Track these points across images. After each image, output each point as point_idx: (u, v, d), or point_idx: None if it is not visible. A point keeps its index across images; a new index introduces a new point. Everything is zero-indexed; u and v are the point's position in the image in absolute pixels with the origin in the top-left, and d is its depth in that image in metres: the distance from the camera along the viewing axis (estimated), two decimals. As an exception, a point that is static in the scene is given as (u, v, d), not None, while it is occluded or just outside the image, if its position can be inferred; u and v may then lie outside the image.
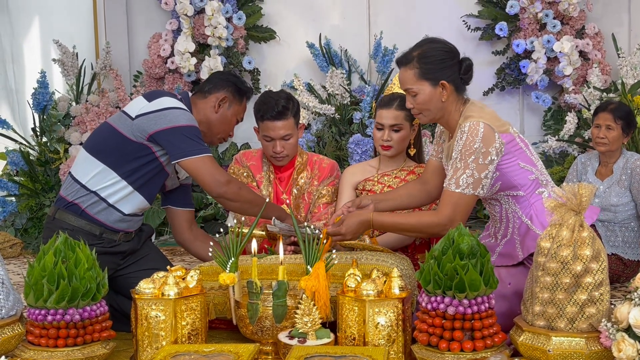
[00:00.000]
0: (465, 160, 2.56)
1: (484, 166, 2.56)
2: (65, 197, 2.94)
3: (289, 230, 2.93)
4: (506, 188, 2.67)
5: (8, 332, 2.25)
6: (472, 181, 2.56)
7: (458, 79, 2.71)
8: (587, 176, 4.12)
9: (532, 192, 2.66)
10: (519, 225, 2.67)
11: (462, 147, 2.58)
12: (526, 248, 2.62)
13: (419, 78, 2.68)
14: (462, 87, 2.74)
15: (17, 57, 6.29)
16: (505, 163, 2.62)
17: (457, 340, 2.13)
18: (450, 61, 2.71)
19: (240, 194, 2.91)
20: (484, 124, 2.58)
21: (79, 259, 2.20)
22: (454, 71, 2.70)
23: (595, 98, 5.31)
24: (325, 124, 5.84)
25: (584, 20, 5.73)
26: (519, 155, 2.65)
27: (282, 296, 2.29)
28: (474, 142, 2.56)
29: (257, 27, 6.20)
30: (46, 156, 5.79)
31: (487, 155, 2.55)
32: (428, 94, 2.68)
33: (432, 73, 2.67)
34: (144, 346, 2.33)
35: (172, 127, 2.84)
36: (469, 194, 2.57)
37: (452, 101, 2.71)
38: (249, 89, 3.20)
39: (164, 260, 3.15)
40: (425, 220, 2.69)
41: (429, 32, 5.80)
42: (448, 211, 2.59)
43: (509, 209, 2.70)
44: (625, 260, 3.94)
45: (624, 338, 2.01)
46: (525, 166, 2.66)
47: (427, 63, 2.68)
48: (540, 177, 2.69)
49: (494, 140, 2.57)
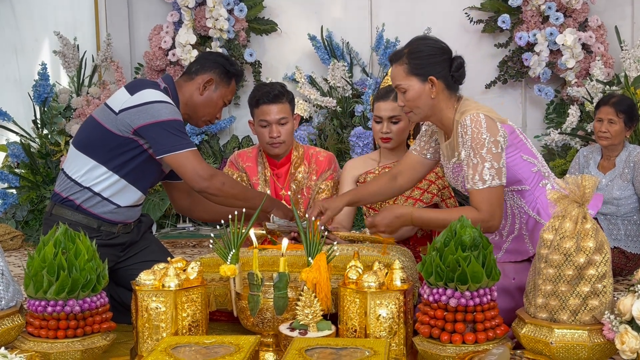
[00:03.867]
0: (480, 154, 2.53)
1: (498, 155, 2.54)
2: (60, 193, 2.93)
3: (288, 227, 2.92)
4: (511, 183, 2.65)
5: (8, 323, 2.25)
6: (495, 172, 2.53)
7: (448, 76, 2.67)
8: (590, 169, 4.11)
9: (536, 185, 2.65)
10: (526, 220, 2.65)
11: (471, 142, 2.54)
12: (535, 241, 2.59)
13: (408, 74, 2.66)
14: (453, 85, 2.70)
15: (18, 49, 6.29)
16: (509, 155, 2.61)
17: (458, 332, 2.12)
18: (440, 57, 2.67)
19: (223, 189, 2.86)
20: (484, 115, 2.55)
21: (79, 250, 2.19)
22: (443, 67, 2.66)
23: (597, 91, 5.29)
24: (326, 117, 5.83)
25: (587, 12, 5.71)
26: (521, 147, 2.64)
27: (283, 288, 2.29)
28: (480, 134, 2.53)
29: (259, 19, 6.19)
30: (47, 148, 5.79)
31: (497, 143, 2.54)
32: (417, 90, 2.65)
33: (421, 68, 2.64)
34: (144, 338, 2.32)
35: (154, 122, 2.79)
36: (496, 185, 2.54)
37: (443, 99, 2.67)
38: (237, 70, 3.11)
39: (164, 252, 3.14)
40: (468, 217, 2.64)
41: (431, 24, 5.83)
42: (486, 207, 2.54)
43: (514, 205, 2.68)
44: (628, 254, 3.93)
45: (627, 330, 2.00)
46: (528, 158, 2.64)
47: (415, 58, 2.65)
48: (542, 169, 2.68)
49: (498, 129, 2.55)
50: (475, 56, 6.01)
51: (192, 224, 5.83)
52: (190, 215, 3.44)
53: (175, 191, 3.28)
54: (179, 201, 3.31)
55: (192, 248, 5.16)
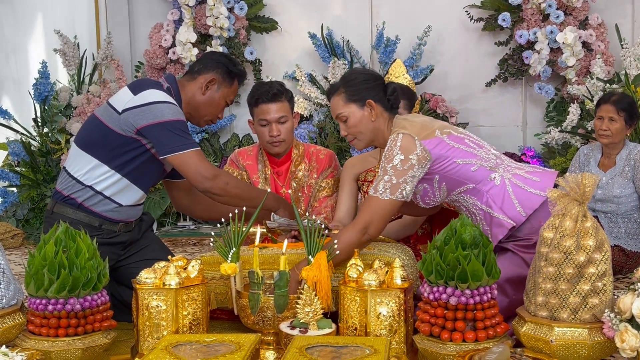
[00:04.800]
0: (384, 168, 2.61)
1: (402, 171, 2.58)
2: (62, 191, 2.93)
3: (289, 225, 2.92)
4: (455, 187, 2.69)
5: (9, 321, 2.25)
6: (390, 186, 2.58)
7: (385, 100, 2.76)
8: (590, 167, 4.11)
9: (483, 181, 2.67)
10: (483, 216, 2.69)
11: (384, 158, 2.64)
12: (494, 236, 2.64)
13: (346, 101, 2.76)
14: (391, 109, 2.78)
15: (18, 48, 6.29)
16: (441, 165, 2.65)
17: (459, 330, 2.12)
18: (373, 82, 2.78)
19: (227, 189, 2.86)
20: (402, 134, 2.62)
21: (79, 249, 2.19)
22: (377, 92, 2.76)
23: (598, 89, 5.28)
24: (327, 115, 5.83)
25: (587, 10, 5.70)
26: (453, 154, 2.65)
27: (284, 286, 2.29)
28: (392, 151, 2.61)
29: (259, 17, 6.18)
30: (47, 147, 5.79)
31: (405, 161, 2.58)
32: (358, 116, 2.74)
33: (358, 94, 2.74)
34: (145, 336, 2.33)
35: (158, 122, 2.79)
36: (386, 199, 2.58)
37: (382, 121, 2.76)
38: (240, 71, 3.12)
39: (165, 251, 3.14)
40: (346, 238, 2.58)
41: (432, 22, 5.83)
42: (367, 214, 2.60)
43: (469, 204, 2.72)
44: (628, 252, 3.93)
45: (627, 328, 2.00)
46: (463, 161, 2.66)
47: (351, 86, 2.76)
48: (485, 164, 2.68)
49: (414, 148, 2.60)
50: (475, 54, 6.02)
51: (193, 222, 5.83)
52: (190, 213, 3.45)
53: (175, 190, 3.29)
54: (179, 200, 3.32)
55: (192, 246, 5.16)
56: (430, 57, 6.01)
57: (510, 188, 2.64)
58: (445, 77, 6.03)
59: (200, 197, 3.17)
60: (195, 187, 2.90)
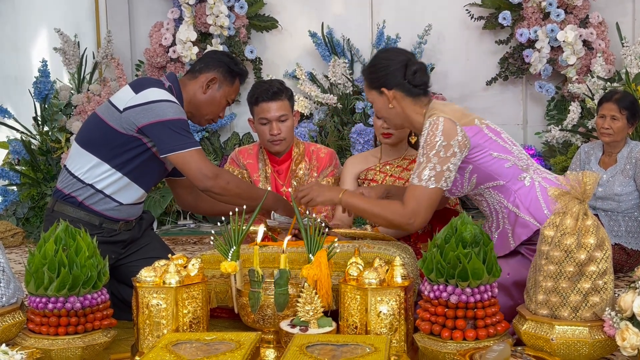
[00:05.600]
0: (427, 155, 2.56)
1: (445, 159, 2.55)
2: (62, 189, 2.93)
3: (288, 224, 2.92)
4: (484, 180, 2.65)
5: (9, 320, 2.25)
6: (434, 174, 2.55)
7: (406, 84, 2.68)
8: (591, 165, 4.10)
9: (513, 180, 2.64)
10: (507, 214, 2.65)
11: (424, 142, 2.58)
12: (517, 236, 2.60)
13: (368, 89, 2.76)
14: (415, 91, 2.70)
15: (19, 46, 6.28)
16: (477, 155, 2.60)
17: (459, 329, 2.12)
18: (392, 67, 2.69)
19: (228, 188, 2.86)
20: (444, 118, 2.56)
21: (79, 247, 2.19)
22: (396, 77, 2.68)
23: (599, 87, 5.28)
24: (327, 114, 5.83)
25: (587, 9, 5.70)
26: (490, 145, 2.62)
27: (284, 285, 2.28)
28: (434, 136, 2.55)
29: (259, 16, 6.18)
30: (47, 145, 5.79)
31: (448, 148, 2.54)
32: (378, 103, 2.74)
33: (375, 82, 2.72)
34: (145, 334, 2.32)
35: (159, 121, 2.79)
36: (431, 187, 2.56)
37: (407, 106, 2.70)
38: (242, 70, 3.11)
39: (165, 249, 3.14)
40: (390, 211, 2.65)
41: (432, 21, 5.83)
42: (411, 204, 2.58)
43: (494, 201, 2.68)
44: (629, 250, 3.93)
45: (627, 327, 2.00)
46: (499, 155, 2.62)
47: (370, 73, 2.75)
48: (518, 162, 2.66)
49: (456, 133, 2.55)
50: (476, 53, 6.02)
51: (193, 220, 5.84)
52: (195, 210, 3.46)
53: (178, 187, 3.28)
54: (182, 197, 3.32)
55: (192, 245, 5.16)
56: (431, 56, 6.01)
57: (539, 190, 2.60)
58: (446, 75, 6.03)
59: (203, 194, 3.17)
60: (196, 186, 2.90)
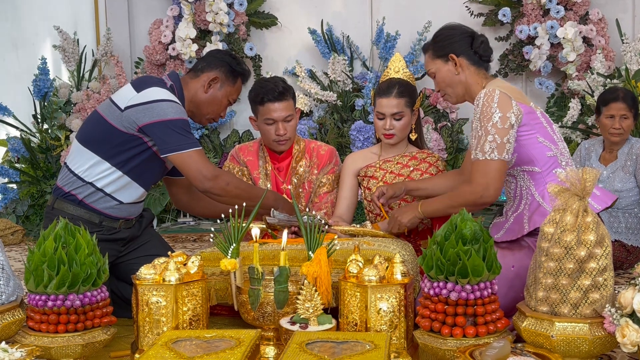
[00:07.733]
0: (485, 127, 2.58)
1: (504, 130, 2.56)
2: (62, 187, 2.93)
3: (288, 221, 2.92)
4: (522, 162, 2.66)
5: (8, 317, 2.25)
6: (496, 146, 2.57)
7: (471, 53, 2.77)
8: (591, 162, 4.10)
9: (548, 170, 2.64)
10: (530, 202, 2.66)
11: (480, 114, 2.60)
12: (533, 222, 2.61)
13: (433, 58, 2.83)
14: (480, 62, 2.79)
15: (18, 44, 6.28)
16: (524, 134, 2.62)
17: (459, 326, 2.11)
18: (459, 36, 2.80)
19: (227, 189, 2.86)
20: (499, 91, 2.60)
21: (79, 245, 2.18)
22: (462, 45, 2.78)
23: (598, 84, 5.28)
24: (327, 111, 5.82)
25: (587, 5, 5.69)
26: (539, 129, 2.64)
27: (284, 282, 2.28)
28: (490, 107, 2.57)
29: (259, 13, 6.17)
30: (47, 143, 5.79)
31: (505, 120, 2.56)
32: (443, 71, 2.79)
33: (442, 50, 2.79)
34: (144, 332, 2.32)
35: (160, 120, 2.79)
36: (495, 159, 2.57)
37: (470, 75, 2.77)
38: (244, 70, 3.12)
39: (165, 247, 3.14)
40: (462, 197, 2.67)
41: (432, 18, 5.82)
42: (480, 179, 2.60)
43: (524, 186, 2.69)
44: (629, 247, 3.93)
45: (628, 323, 2.00)
46: (544, 141, 2.64)
47: (437, 42, 2.83)
48: (560, 156, 2.67)
49: (511, 106, 2.58)
50: (475, 50, 6.01)
51: (193, 218, 5.83)
52: (190, 211, 3.45)
53: (175, 187, 3.28)
54: (178, 197, 3.31)
55: (192, 242, 5.16)
56: (431, 53, 6.00)
57: None
58: (446, 72, 6.01)
59: (199, 194, 3.17)
60: (195, 186, 2.89)
